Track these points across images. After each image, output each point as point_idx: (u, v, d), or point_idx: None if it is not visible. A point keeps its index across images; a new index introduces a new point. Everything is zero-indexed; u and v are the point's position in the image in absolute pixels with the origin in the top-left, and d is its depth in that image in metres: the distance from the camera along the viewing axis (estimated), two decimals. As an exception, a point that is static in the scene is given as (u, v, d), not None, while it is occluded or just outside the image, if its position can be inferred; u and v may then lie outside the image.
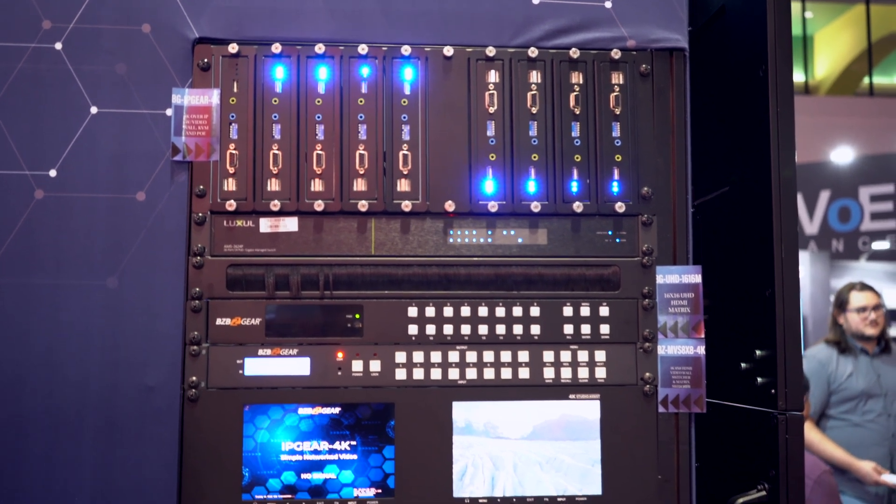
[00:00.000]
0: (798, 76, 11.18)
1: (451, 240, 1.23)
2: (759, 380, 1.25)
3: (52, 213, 1.19)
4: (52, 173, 1.19)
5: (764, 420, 1.22)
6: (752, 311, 1.27)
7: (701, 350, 1.23)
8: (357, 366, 1.20)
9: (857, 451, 3.70)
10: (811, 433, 3.35)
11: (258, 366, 1.19)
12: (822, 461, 3.04)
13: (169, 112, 1.21)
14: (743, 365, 1.29)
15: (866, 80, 10.76)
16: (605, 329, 1.23)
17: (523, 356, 1.22)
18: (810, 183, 8.72)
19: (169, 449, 1.16)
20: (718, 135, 1.40)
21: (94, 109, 1.21)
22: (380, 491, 1.19)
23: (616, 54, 1.25)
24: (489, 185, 1.23)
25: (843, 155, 9.00)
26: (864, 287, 3.94)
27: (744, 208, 1.30)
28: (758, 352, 1.25)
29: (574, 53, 1.25)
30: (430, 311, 1.22)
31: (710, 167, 1.41)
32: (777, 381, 1.21)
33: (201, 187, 1.21)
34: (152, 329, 1.18)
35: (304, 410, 1.20)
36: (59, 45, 1.21)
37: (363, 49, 1.23)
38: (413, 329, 1.21)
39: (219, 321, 1.19)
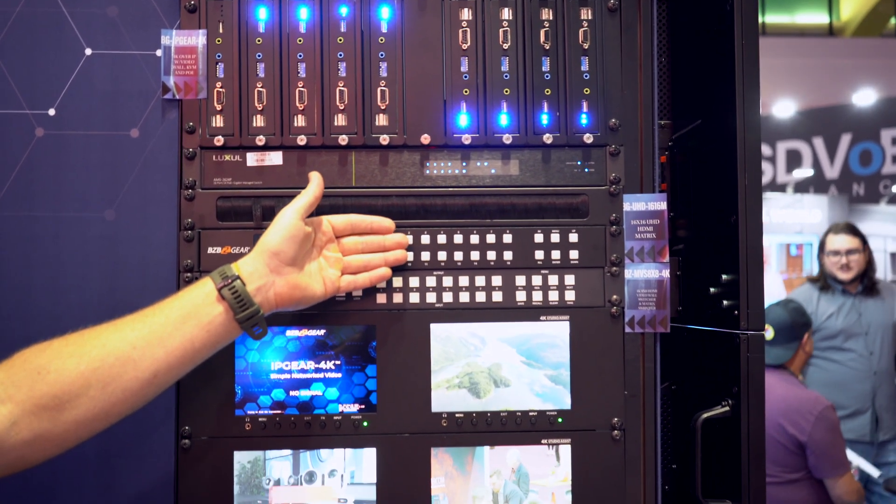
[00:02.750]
0: (822, 17, 11.04)
1: (427, 171, 1.31)
2: (725, 303, 1.32)
3: (51, 149, 1.28)
4: (51, 112, 1.28)
5: (727, 340, 1.30)
6: (720, 239, 1.34)
7: (665, 273, 1.31)
8: (340, 290, 1.29)
9: (840, 389, 3.78)
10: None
11: (247, 291, 1.28)
12: (823, 397, 3.12)
13: (158, 53, 1.29)
14: (711, 290, 1.37)
15: (893, 20, 10.60)
16: (574, 254, 1.32)
17: (497, 280, 1.31)
18: (831, 126, 8.69)
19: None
20: (695, 71, 1.46)
21: (88, 51, 1.29)
22: (363, 406, 1.29)
23: (584, -9, 1.32)
24: (463, 119, 1.31)
25: (865, 97, 8.93)
26: (845, 230, 3.98)
27: (713, 140, 1.37)
28: (723, 276, 1.33)
29: (544, -10, 1.32)
30: (408, 239, 1.30)
31: (689, 103, 1.48)
32: (739, 304, 1.29)
33: (191, 124, 1.29)
34: (148, 258, 1.28)
35: (292, 332, 1.29)
36: (53, -10, 1.29)
37: (341, -11, 1.30)
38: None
39: (210, 250, 1.28)
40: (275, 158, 1.30)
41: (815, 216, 7.20)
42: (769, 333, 3.30)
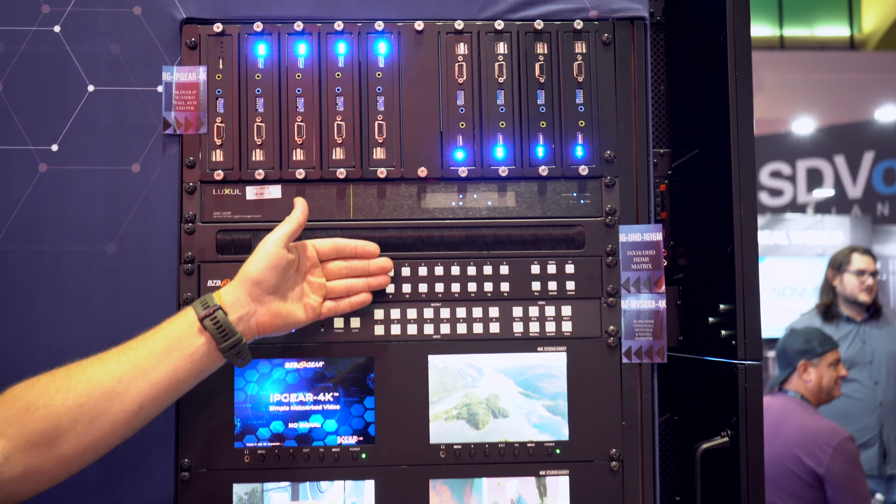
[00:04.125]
0: (843, 30, 11.08)
1: (424, 204, 1.37)
2: (723, 332, 1.37)
3: (54, 184, 1.34)
4: (54, 147, 1.35)
5: (726, 370, 1.35)
6: (717, 268, 1.39)
7: (662, 304, 1.36)
8: (338, 323, 1.35)
9: (844, 421, 3.74)
10: None
11: (246, 323, 1.33)
12: (840, 427, 3.13)
13: (160, 89, 1.36)
14: (710, 319, 1.42)
15: (917, 33, 10.62)
16: (570, 285, 1.37)
17: (494, 312, 1.36)
18: (854, 144, 8.70)
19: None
20: (692, 101, 1.51)
21: (91, 87, 1.36)
22: (361, 438, 1.34)
23: (578, 25, 1.38)
24: (459, 152, 1.37)
25: (888, 113, 8.94)
26: (867, 251, 3.98)
27: (709, 169, 1.42)
28: (721, 306, 1.37)
29: (539, 25, 1.38)
30: (405, 271, 1.36)
31: (686, 131, 1.53)
32: (737, 333, 1.33)
33: (191, 158, 1.36)
34: (148, 290, 1.34)
35: (291, 365, 1.35)
36: (57, 28, 1.36)
37: (339, 25, 1.37)
38: (390, 288, 1.36)
39: (210, 283, 1.34)
40: (274, 192, 1.36)
41: (838, 238, 7.22)
42: None
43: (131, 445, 1.26)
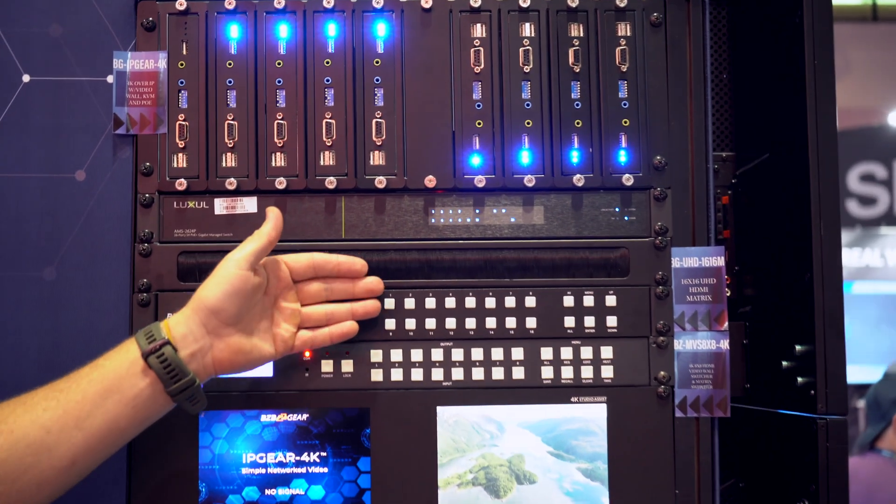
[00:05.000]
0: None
1: (432, 220, 1.40)
2: (800, 380, 1.38)
3: (-20, 196, 1.38)
4: (-20, 152, 1.38)
5: (803, 426, 1.36)
6: (792, 300, 1.40)
7: (724, 344, 1.38)
8: (326, 366, 1.38)
9: None
10: None
11: (214, 366, 1.36)
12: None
13: (110, 79, 1.39)
14: (784, 363, 1.43)
15: None
16: (612, 321, 1.39)
17: (517, 353, 1.39)
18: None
19: (116, 464, 1.34)
20: (762, 94, 1.54)
21: (26, 77, 1.39)
22: (354, 508, 1.37)
23: (622, 1, 1.41)
24: (476, 157, 1.40)
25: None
26: None
27: (782, 178, 1.44)
28: (797, 347, 1.39)
29: (573, 2, 1.41)
30: (409, 303, 1.39)
31: (755, 131, 1.56)
32: (816, 381, 1.34)
33: (147, 164, 1.39)
34: (95, 326, 1.37)
35: (268, 417, 1.37)
36: (-15, 6, 1.40)
37: (328, 2, 1.40)
38: (390, 323, 1.38)
39: (169, 315, 1.36)
40: (248, 205, 1.39)
41: (946, 258, 7.17)
42: None
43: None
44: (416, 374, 1.38)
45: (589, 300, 1.39)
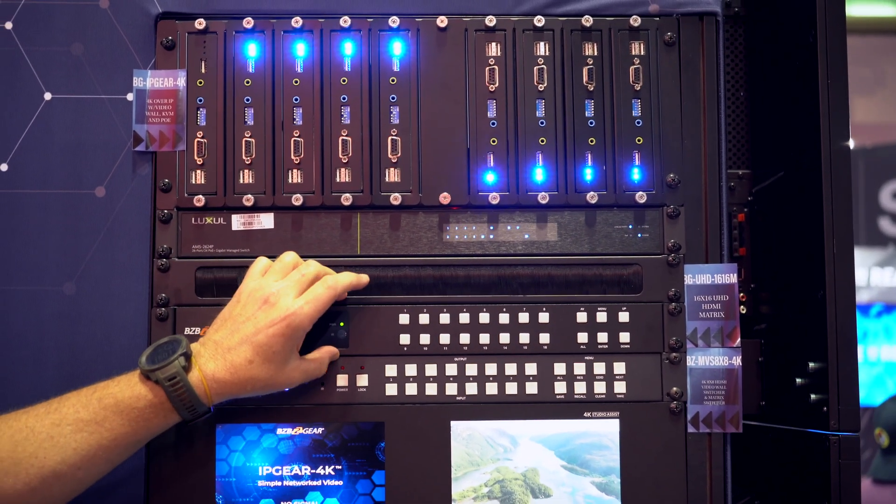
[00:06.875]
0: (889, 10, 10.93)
1: (447, 237, 1.43)
2: (813, 396, 1.40)
3: (2, 211, 1.40)
4: (3, 167, 1.41)
5: (816, 443, 1.38)
6: (806, 318, 1.42)
7: (737, 361, 1.40)
8: (342, 380, 1.40)
9: None
10: None
11: (231, 380, 1.38)
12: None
13: (130, 97, 1.42)
14: (798, 380, 1.45)
15: None
16: (624, 337, 1.41)
17: (531, 369, 1.41)
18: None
19: (134, 479, 1.37)
20: (778, 112, 1.55)
21: (48, 95, 1.43)
22: (368, 522, 1.39)
23: (636, 21, 1.43)
24: (490, 175, 1.43)
25: None
26: None
27: (796, 196, 1.46)
28: (811, 364, 1.41)
29: (587, 21, 1.44)
30: (424, 319, 1.41)
31: (770, 149, 1.57)
32: (829, 398, 1.36)
33: (166, 181, 1.42)
34: (113, 340, 1.39)
35: (283, 431, 1.40)
36: (9, 25, 1.43)
37: (345, 21, 1.43)
38: (405, 338, 1.41)
39: (187, 331, 1.40)
40: (265, 221, 1.42)
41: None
42: (883, 440, 3.31)
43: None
44: (431, 389, 1.40)
45: (602, 316, 1.41)
